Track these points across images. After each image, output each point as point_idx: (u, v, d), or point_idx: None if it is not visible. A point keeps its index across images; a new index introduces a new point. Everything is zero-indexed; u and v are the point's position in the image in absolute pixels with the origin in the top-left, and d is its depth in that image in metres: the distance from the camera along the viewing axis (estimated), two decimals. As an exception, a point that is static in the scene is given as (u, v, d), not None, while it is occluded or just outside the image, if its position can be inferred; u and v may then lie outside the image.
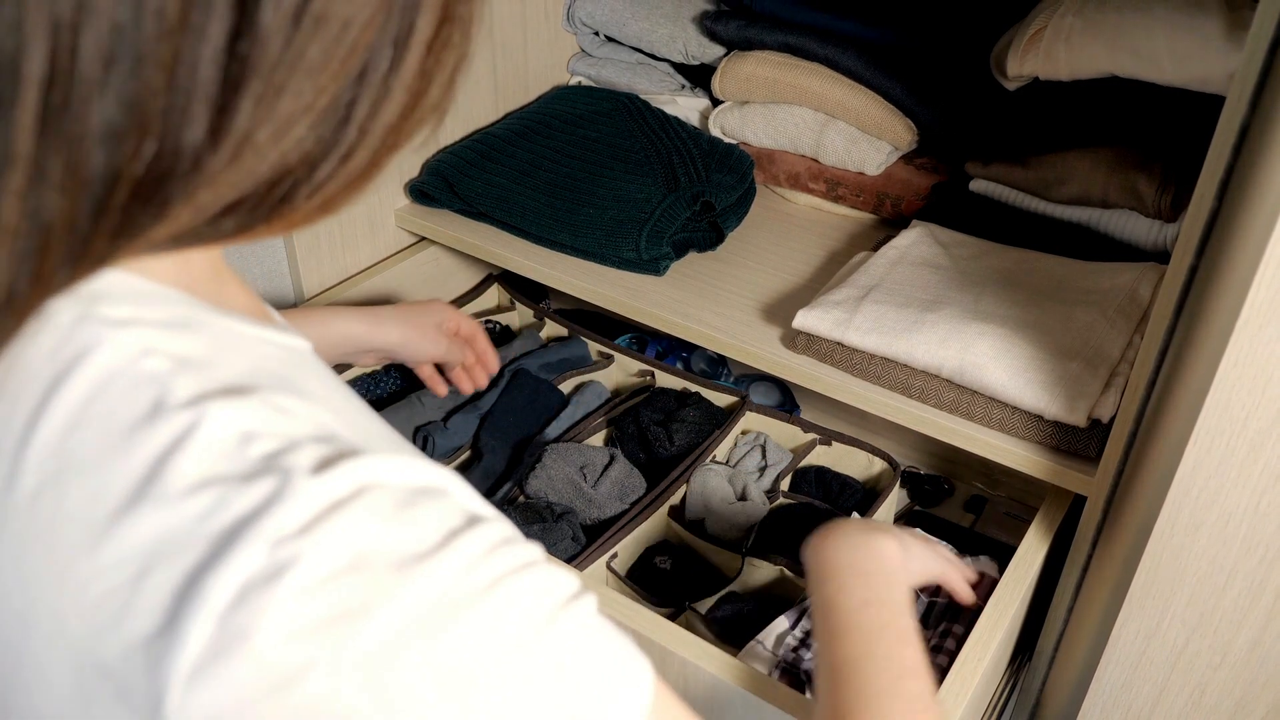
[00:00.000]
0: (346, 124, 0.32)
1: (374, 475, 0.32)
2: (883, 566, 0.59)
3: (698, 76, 1.33)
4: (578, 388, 1.15)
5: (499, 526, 0.34)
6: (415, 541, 0.31)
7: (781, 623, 0.88)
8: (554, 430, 1.08)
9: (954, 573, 0.74)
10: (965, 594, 0.75)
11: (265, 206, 0.33)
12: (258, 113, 0.30)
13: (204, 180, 0.30)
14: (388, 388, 1.13)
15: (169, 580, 0.29)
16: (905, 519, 1.13)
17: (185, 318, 0.35)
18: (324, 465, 0.31)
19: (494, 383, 1.10)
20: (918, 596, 0.90)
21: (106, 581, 0.30)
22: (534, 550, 0.35)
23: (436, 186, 1.18)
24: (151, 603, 0.29)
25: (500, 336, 1.27)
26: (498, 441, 1.06)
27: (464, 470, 1.06)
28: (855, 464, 1.08)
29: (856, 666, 0.53)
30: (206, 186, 0.31)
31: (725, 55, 1.23)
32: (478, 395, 1.10)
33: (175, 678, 0.28)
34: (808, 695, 0.78)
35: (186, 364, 0.33)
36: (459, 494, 0.34)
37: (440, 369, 1.01)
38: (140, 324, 0.33)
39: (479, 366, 1.02)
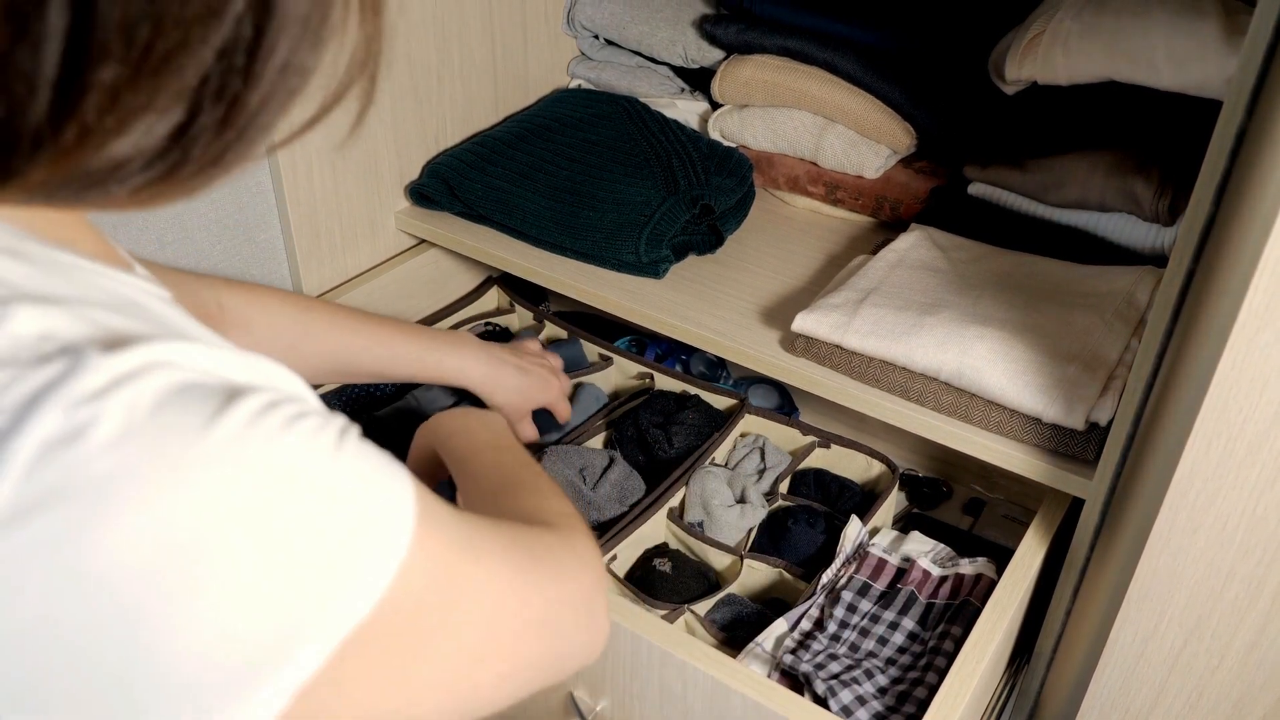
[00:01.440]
0: (200, 111, 0.32)
1: (168, 355, 0.33)
2: (495, 422, 0.72)
3: (697, 80, 1.33)
4: (575, 390, 1.15)
5: (284, 392, 0.36)
6: (203, 402, 0.33)
7: (780, 625, 0.88)
8: (554, 432, 1.09)
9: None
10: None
11: (114, 184, 0.34)
12: (101, 100, 0.30)
13: (47, 158, 0.31)
14: (386, 388, 1.13)
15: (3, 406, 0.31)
16: (904, 521, 1.13)
17: (13, 248, 0.35)
18: (116, 346, 0.32)
19: None
20: (917, 597, 0.90)
21: None
22: (307, 399, 0.36)
23: (436, 189, 1.18)
24: None
25: (498, 339, 1.27)
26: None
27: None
28: (854, 466, 1.09)
29: (496, 468, 0.63)
30: (50, 164, 0.31)
31: (725, 59, 1.24)
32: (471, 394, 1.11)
33: (11, 464, 0.30)
34: (806, 697, 0.78)
35: (3, 281, 0.34)
36: (266, 381, 0.36)
37: None
38: None
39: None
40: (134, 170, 0.33)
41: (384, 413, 1.07)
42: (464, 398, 1.10)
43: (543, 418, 1.08)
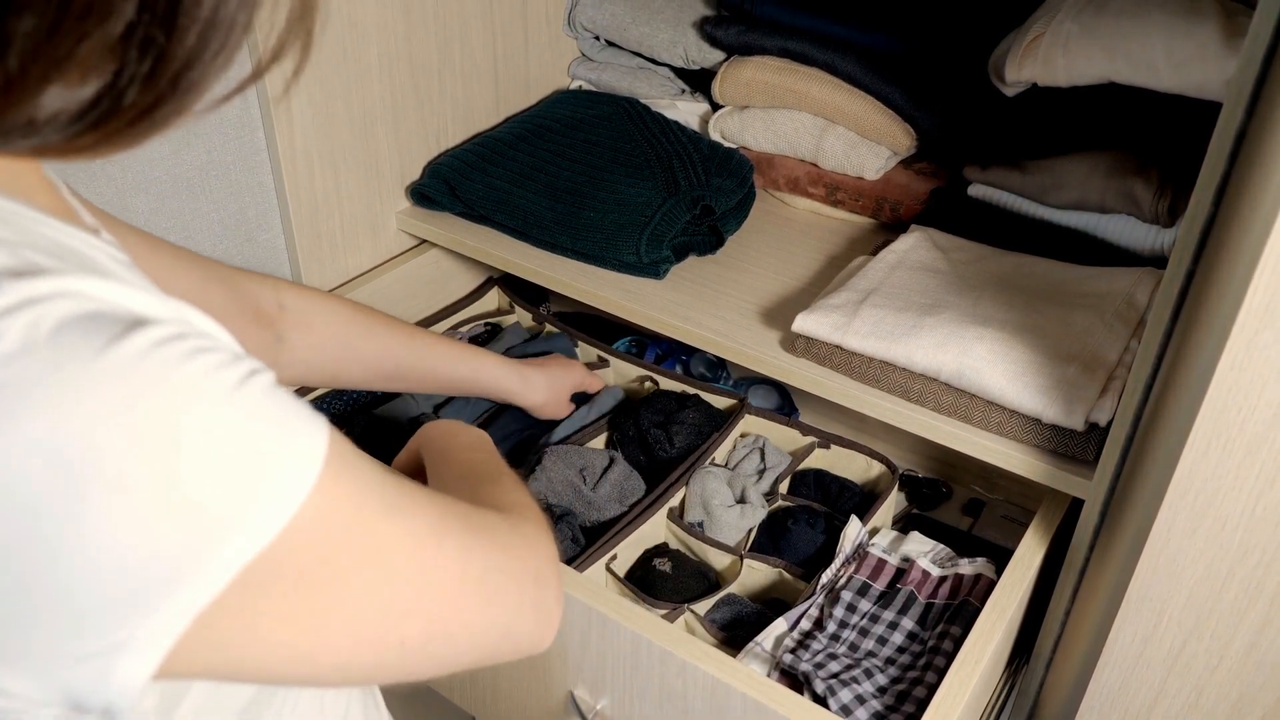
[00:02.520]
0: (127, 63, 0.33)
1: (79, 287, 0.34)
2: (480, 438, 0.72)
3: (698, 81, 1.33)
4: (595, 393, 1.16)
5: (194, 328, 0.36)
6: (105, 328, 0.33)
7: (780, 624, 0.88)
8: (564, 430, 1.09)
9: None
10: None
11: (49, 132, 0.34)
12: (24, 50, 0.31)
13: None
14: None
15: None
16: (903, 522, 1.13)
17: None
18: (29, 274, 0.33)
19: None
20: (916, 597, 0.90)
21: None
22: (221, 340, 0.37)
23: (437, 189, 1.18)
24: None
25: (489, 335, 1.27)
26: (500, 440, 1.07)
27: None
28: (854, 467, 1.09)
29: (469, 466, 0.64)
30: None
31: (725, 60, 1.24)
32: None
33: None
34: (805, 696, 0.78)
35: None
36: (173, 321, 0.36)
37: None
38: None
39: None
40: (65, 120, 0.34)
41: (378, 410, 1.08)
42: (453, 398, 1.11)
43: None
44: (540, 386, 1.04)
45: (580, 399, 1.12)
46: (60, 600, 0.33)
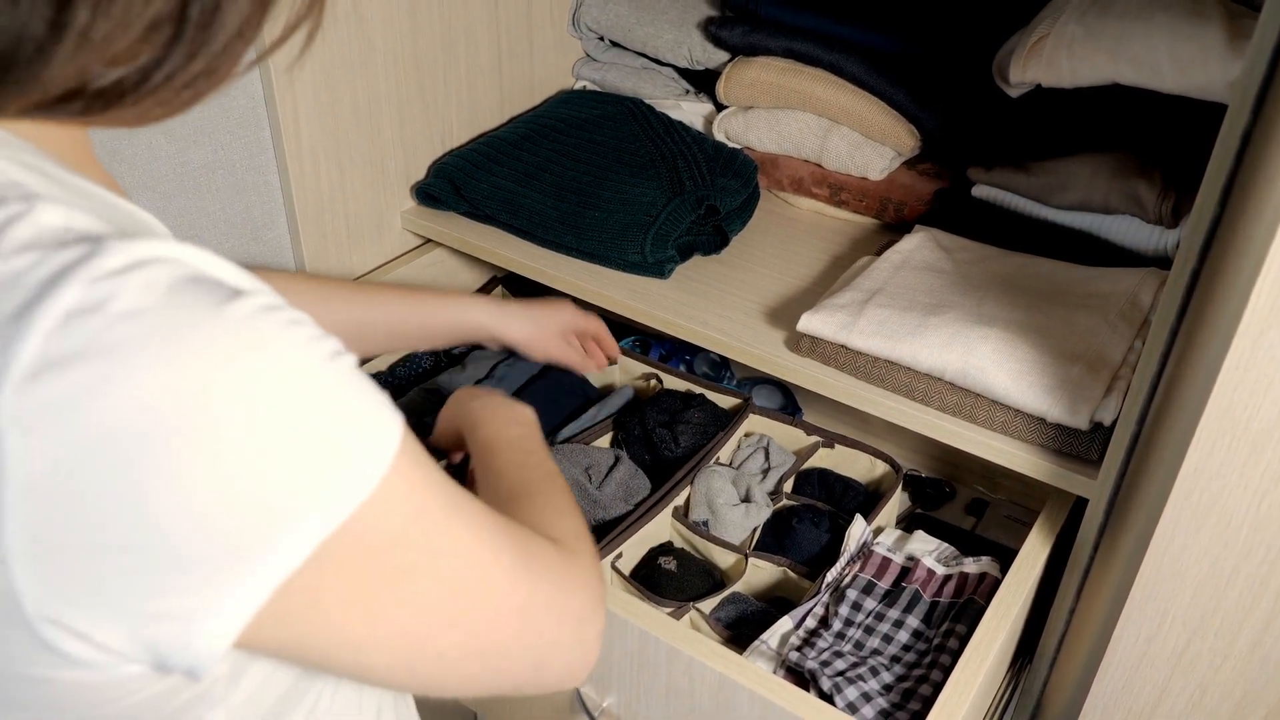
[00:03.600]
0: (185, 24, 0.36)
1: (180, 253, 0.36)
2: (525, 417, 0.73)
3: (702, 82, 1.34)
4: (605, 393, 1.16)
5: (283, 303, 0.38)
6: (212, 291, 0.35)
7: (785, 623, 0.89)
8: (572, 429, 1.09)
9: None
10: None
11: (110, 95, 0.37)
12: (96, 11, 0.34)
13: (46, 68, 0.34)
14: (418, 366, 1.16)
15: (2, 312, 0.33)
16: (907, 521, 1.13)
17: (38, 166, 0.38)
18: (133, 236, 0.35)
19: (501, 368, 1.12)
20: (922, 596, 0.91)
21: None
22: (308, 319, 0.38)
23: (442, 189, 1.19)
24: None
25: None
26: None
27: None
28: (858, 466, 1.09)
29: (519, 470, 0.64)
30: (49, 74, 0.35)
31: (729, 61, 1.24)
32: (493, 372, 1.12)
33: (7, 384, 0.32)
34: (811, 694, 0.79)
35: (23, 184, 0.37)
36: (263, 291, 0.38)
37: None
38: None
39: (598, 350, 1.09)
40: (132, 82, 0.37)
41: (406, 399, 1.09)
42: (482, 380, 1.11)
43: (567, 393, 1.10)
44: (519, 319, 1.00)
45: (583, 399, 1.12)
46: (148, 554, 0.34)
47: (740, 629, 0.93)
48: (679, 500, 1.02)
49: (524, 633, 0.46)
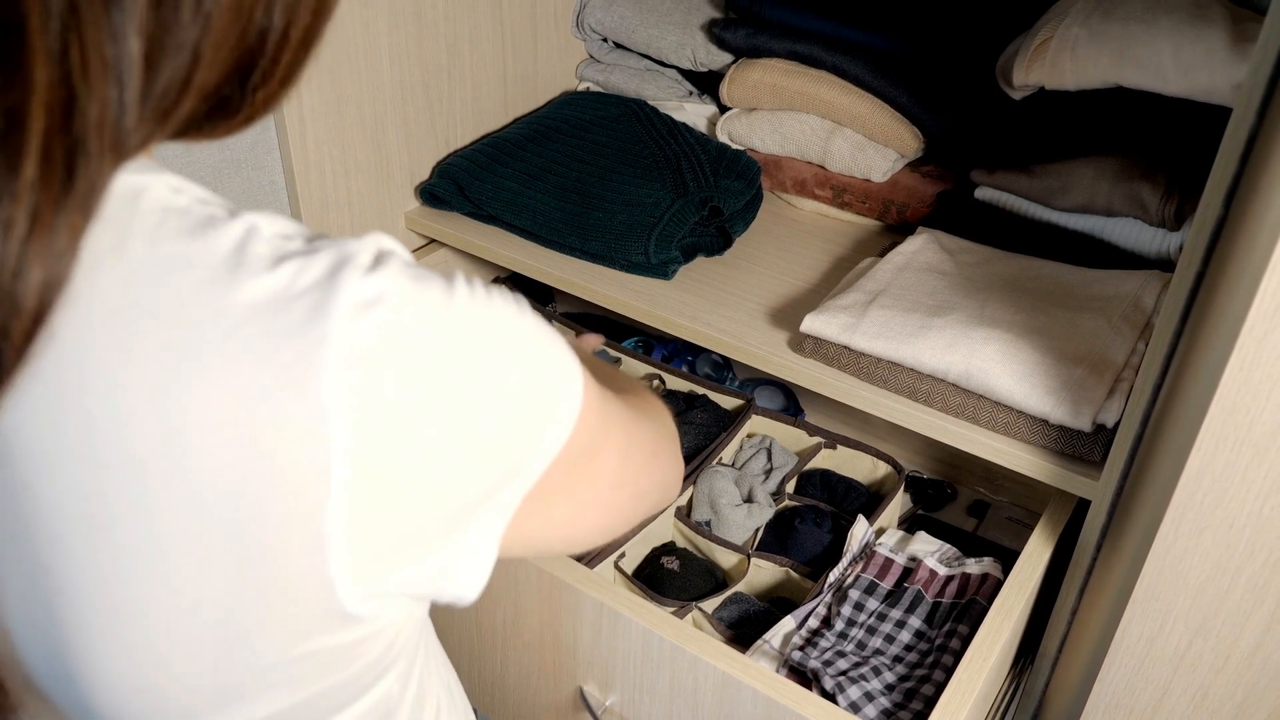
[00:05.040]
0: (262, 52, 0.40)
1: (387, 244, 0.41)
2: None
3: (705, 83, 1.34)
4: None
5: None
6: (432, 275, 0.41)
7: (788, 623, 0.89)
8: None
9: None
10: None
11: (221, 106, 0.41)
12: (284, 76, 0.41)
13: (245, 114, 0.41)
14: None
15: (295, 321, 0.36)
16: (908, 523, 1.14)
17: (176, 183, 0.43)
18: (353, 237, 0.40)
19: None
20: (924, 596, 0.91)
21: (249, 326, 0.36)
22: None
23: (446, 189, 1.19)
24: (303, 303, 0.37)
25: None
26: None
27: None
28: (860, 467, 1.09)
29: (599, 368, 0.72)
30: (245, 120, 0.42)
31: (733, 62, 1.25)
32: None
33: (339, 316, 0.36)
34: (814, 693, 0.79)
35: (206, 199, 0.41)
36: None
37: None
38: (159, 174, 0.41)
39: None
40: (228, 108, 0.42)
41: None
42: None
43: None
44: None
45: None
46: (447, 498, 0.40)
47: (742, 629, 0.94)
48: (681, 500, 1.02)
49: (659, 465, 0.58)
